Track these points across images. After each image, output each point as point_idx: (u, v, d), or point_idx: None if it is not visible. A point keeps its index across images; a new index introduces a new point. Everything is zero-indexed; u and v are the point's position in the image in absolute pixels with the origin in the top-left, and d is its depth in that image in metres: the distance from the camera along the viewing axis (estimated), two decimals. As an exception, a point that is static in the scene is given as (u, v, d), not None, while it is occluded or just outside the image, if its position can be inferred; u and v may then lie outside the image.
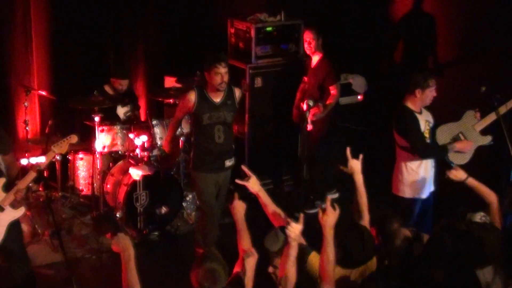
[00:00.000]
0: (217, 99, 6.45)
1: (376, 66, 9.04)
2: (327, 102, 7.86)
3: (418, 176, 6.37)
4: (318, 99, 7.86)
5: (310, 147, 8.14)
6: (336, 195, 8.43)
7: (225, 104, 6.47)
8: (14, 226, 5.73)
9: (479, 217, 4.98)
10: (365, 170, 9.09)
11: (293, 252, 4.45)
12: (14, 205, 5.65)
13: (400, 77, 8.74)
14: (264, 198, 4.95)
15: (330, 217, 4.61)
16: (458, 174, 5.59)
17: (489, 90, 6.37)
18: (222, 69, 6.26)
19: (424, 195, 6.47)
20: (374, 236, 4.99)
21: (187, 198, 7.94)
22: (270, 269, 4.81)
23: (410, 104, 6.30)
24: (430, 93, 6.25)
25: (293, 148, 8.89)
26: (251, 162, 8.56)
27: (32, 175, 5.60)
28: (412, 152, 6.31)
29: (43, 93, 8.15)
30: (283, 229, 4.49)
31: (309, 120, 7.81)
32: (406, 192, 6.44)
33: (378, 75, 8.90)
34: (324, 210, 4.62)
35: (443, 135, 6.45)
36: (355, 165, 5.28)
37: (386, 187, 6.82)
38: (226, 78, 6.31)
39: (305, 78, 8.16)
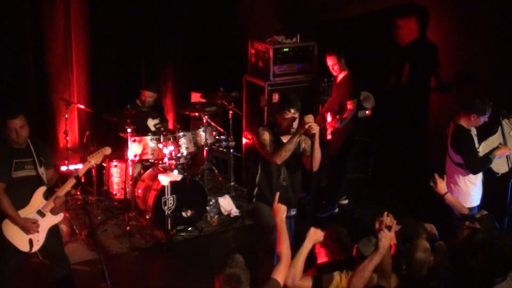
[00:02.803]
0: (285, 140, 5.68)
1: (383, 84, 9.02)
2: (344, 116, 7.84)
3: (476, 186, 6.37)
4: (337, 112, 7.87)
5: (329, 156, 8.14)
6: (346, 201, 8.44)
7: None
8: (53, 230, 5.75)
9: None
10: (373, 178, 9.18)
11: (378, 258, 4.55)
12: (54, 211, 5.67)
13: (405, 95, 8.83)
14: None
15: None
16: (440, 188, 5.71)
17: (494, 105, 6.29)
18: (292, 115, 5.62)
19: (478, 202, 6.44)
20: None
21: (211, 203, 7.95)
22: None
23: (463, 123, 6.25)
24: (483, 119, 6.24)
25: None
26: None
27: (70, 183, 5.59)
28: (465, 168, 6.29)
29: (82, 106, 8.19)
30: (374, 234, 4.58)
31: (328, 131, 7.85)
32: (468, 202, 6.32)
33: (384, 93, 8.90)
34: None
35: (486, 150, 6.36)
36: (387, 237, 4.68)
37: (398, 194, 6.69)
38: (295, 124, 5.63)
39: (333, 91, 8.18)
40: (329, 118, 7.93)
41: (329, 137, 7.92)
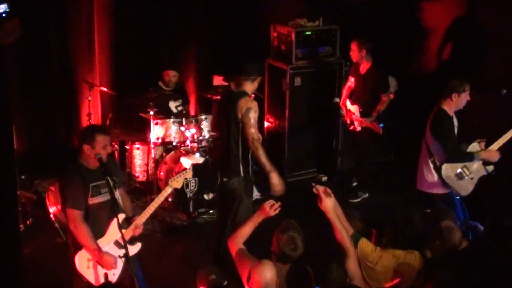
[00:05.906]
0: None
1: (406, 68, 8.92)
2: (379, 108, 7.71)
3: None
4: (371, 103, 7.74)
5: (356, 144, 8.12)
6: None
7: None
8: (131, 262, 5.06)
9: None
10: (396, 163, 9.09)
11: None
12: (132, 240, 5.18)
13: (428, 79, 8.71)
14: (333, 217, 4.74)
15: (327, 202, 4.67)
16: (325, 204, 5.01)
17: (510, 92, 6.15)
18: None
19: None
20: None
21: (232, 186, 8.01)
22: None
23: (446, 108, 6.11)
24: (465, 98, 6.08)
25: (328, 141, 8.89)
26: (290, 154, 8.61)
27: (148, 213, 5.20)
28: (441, 154, 6.09)
29: (105, 89, 8.21)
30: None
31: (356, 123, 7.79)
32: (440, 190, 6.20)
33: (408, 76, 8.80)
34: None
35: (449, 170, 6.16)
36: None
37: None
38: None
39: (351, 77, 8.04)
40: (356, 110, 7.83)
41: (358, 128, 7.85)
